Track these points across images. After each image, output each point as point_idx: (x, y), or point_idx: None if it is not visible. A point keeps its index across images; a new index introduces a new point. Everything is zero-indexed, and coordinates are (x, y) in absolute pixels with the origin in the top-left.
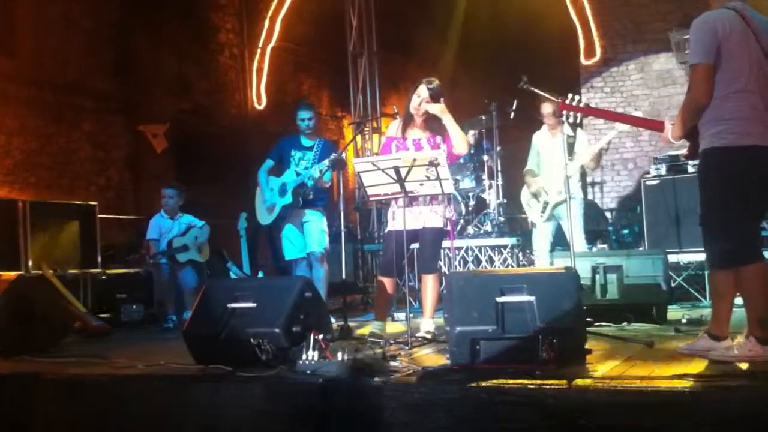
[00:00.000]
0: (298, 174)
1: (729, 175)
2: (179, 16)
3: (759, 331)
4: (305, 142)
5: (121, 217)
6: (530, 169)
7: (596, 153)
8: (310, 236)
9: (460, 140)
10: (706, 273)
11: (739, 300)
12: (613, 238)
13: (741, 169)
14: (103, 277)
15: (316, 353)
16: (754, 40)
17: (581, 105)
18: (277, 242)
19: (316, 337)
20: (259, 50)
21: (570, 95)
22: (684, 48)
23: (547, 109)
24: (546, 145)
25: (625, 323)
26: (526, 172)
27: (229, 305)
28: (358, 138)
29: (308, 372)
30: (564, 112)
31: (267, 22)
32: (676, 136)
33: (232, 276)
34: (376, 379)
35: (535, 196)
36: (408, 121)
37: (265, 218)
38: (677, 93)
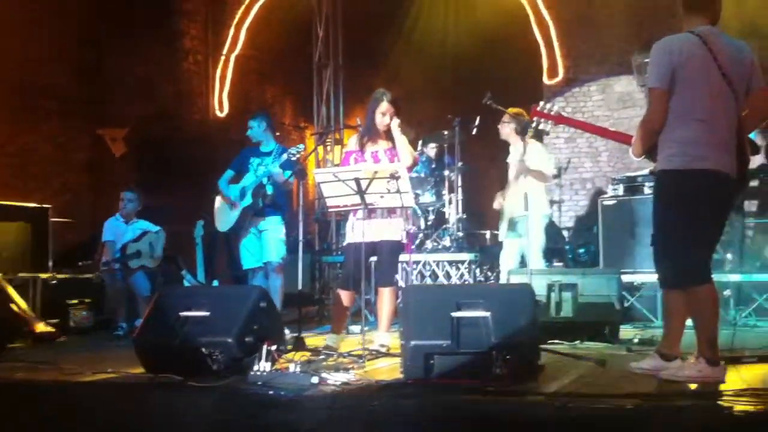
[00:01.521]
0: (257, 176)
1: (681, 197)
2: (145, 21)
3: (709, 351)
4: (264, 149)
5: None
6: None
7: (538, 171)
8: (268, 245)
9: (407, 153)
10: (659, 294)
11: (690, 321)
12: (570, 256)
13: (693, 192)
14: (54, 281)
15: (268, 364)
16: (715, 67)
17: (552, 113)
18: (234, 251)
19: (270, 347)
20: (222, 58)
21: (542, 102)
22: (644, 71)
23: (504, 127)
24: (510, 160)
25: (578, 341)
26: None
27: (181, 313)
28: (320, 149)
29: (259, 383)
30: (535, 119)
31: (232, 30)
32: (635, 152)
33: (186, 284)
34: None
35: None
36: (370, 134)
37: (223, 225)
38: (637, 115)
